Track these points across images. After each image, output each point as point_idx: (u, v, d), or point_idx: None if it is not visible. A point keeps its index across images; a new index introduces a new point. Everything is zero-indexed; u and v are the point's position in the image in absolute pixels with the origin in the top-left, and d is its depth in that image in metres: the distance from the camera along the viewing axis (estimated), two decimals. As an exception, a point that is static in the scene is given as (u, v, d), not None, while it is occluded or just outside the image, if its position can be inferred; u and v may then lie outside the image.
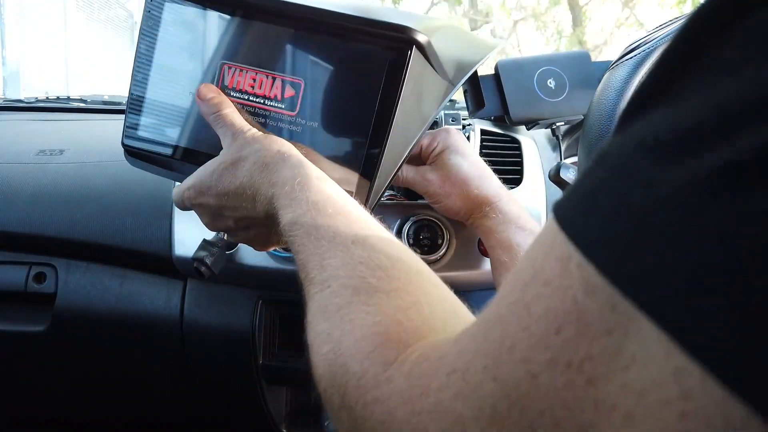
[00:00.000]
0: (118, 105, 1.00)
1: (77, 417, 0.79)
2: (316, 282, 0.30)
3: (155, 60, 0.47)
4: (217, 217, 0.44)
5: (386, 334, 0.25)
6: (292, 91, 0.45)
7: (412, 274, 0.29)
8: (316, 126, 0.45)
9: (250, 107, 0.46)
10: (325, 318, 0.28)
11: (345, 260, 0.30)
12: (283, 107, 0.45)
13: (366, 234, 0.32)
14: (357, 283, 0.28)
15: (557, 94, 0.69)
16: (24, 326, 0.68)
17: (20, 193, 0.68)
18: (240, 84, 0.46)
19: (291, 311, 0.68)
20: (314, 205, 0.34)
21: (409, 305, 0.27)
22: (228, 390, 0.71)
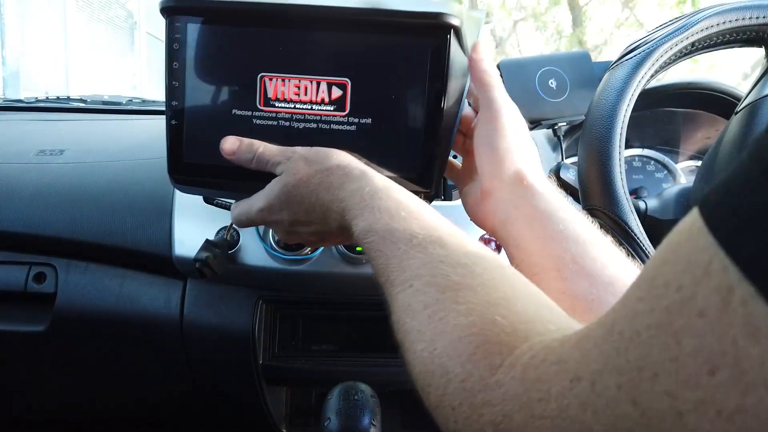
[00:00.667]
0: (118, 105, 1.00)
1: (77, 417, 0.79)
2: (398, 283, 0.31)
3: (188, 86, 0.46)
4: (291, 233, 0.44)
5: (484, 336, 0.25)
6: (339, 92, 0.45)
7: (495, 270, 0.29)
8: (370, 122, 0.46)
9: (300, 115, 0.46)
10: (412, 316, 0.29)
11: (425, 260, 0.30)
12: (333, 109, 0.45)
13: (442, 234, 0.32)
14: (441, 281, 0.29)
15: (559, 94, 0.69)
16: (24, 326, 0.68)
17: (20, 193, 0.68)
18: (284, 94, 0.45)
19: (291, 311, 0.68)
20: (386, 211, 0.34)
21: (498, 300, 0.27)
22: (228, 390, 0.71)
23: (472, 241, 0.32)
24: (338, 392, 0.58)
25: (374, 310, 0.68)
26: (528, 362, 0.22)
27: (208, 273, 0.56)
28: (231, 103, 0.46)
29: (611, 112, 0.50)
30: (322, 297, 0.66)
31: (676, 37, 0.51)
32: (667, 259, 0.17)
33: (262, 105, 0.46)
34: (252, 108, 0.46)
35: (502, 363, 0.23)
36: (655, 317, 0.16)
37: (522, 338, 0.24)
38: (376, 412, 0.56)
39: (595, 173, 0.50)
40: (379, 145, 0.46)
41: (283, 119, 0.46)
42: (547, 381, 0.21)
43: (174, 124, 0.47)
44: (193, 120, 0.47)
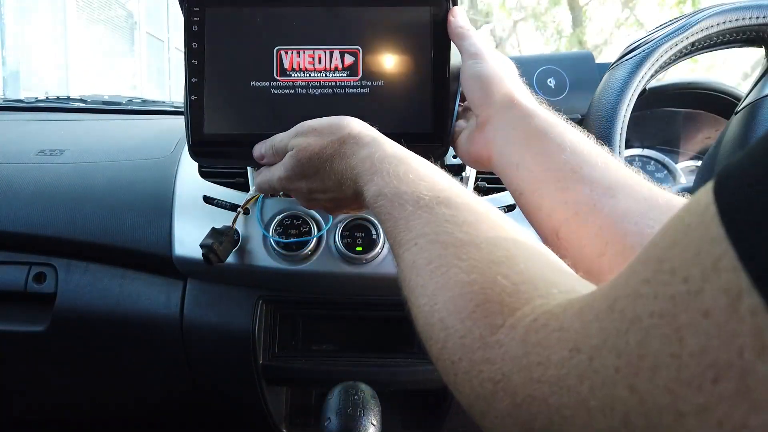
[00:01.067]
0: (118, 105, 1.00)
1: (77, 417, 0.79)
2: (404, 242, 0.32)
3: (207, 63, 0.50)
4: (311, 200, 0.47)
5: (484, 294, 0.25)
6: (352, 59, 0.50)
7: (500, 228, 0.30)
8: (382, 83, 0.50)
9: (315, 83, 0.50)
10: (416, 273, 0.30)
11: (430, 219, 0.31)
12: (347, 74, 0.50)
13: (449, 195, 0.32)
14: (445, 239, 0.29)
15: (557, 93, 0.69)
16: (24, 326, 0.67)
17: (20, 193, 0.68)
18: (299, 64, 0.50)
19: (291, 311, 0.68)
20: (395, 175, 0.35)
21: (502, 259, 0.27)
22: (228, 390, 0.71)
23: (480, 201, 0.33)
24: (338, 392, 0.58)
25: (374, 310, 0.68)
26: (529, 325, 0.23)
27: (214, 259, 0.56)
28: (249, 75, 0.50)
29: (611, 111, 0.51)
30: (322, 297, 0.66)
31: (676, 37, 0.51)
32: (676, 240, 0.16)
33: (279, 75, 0.50)
34: (269, 79, 0.50)
35: (504, 323, 0.24)
36: (658, 305, 0.16)
37: (524, 300, 0.24)
38: (376, 412, 0.56)
39: (595, 173, 0.50)
40: (393, 104, 0.50)
41: (299, 87, 0.50)
42: (547, 347, 0.21)
43: (194, 99, 0.50)
44: (213, 93, 0.50)
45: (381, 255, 0.62)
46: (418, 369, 0.67)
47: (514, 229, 0.31)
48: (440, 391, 0.69)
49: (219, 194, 0.64)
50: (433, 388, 0.69)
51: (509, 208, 0.65)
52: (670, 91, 0.73)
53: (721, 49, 0.54)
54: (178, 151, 0.70)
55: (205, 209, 0.63)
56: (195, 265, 0.63)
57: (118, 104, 1.00)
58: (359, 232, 0.62)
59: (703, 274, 0.15)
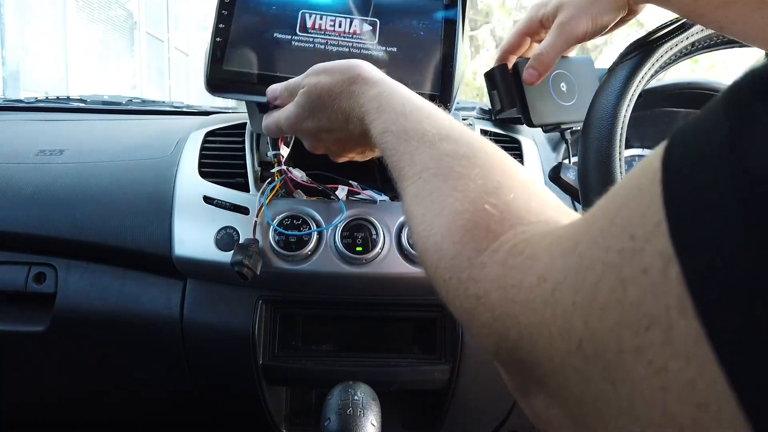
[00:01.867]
0: (118, 105, 1.00)
1: (77, 417, 0.79)
2: (408, 176, 0.34)
3: (236, 14, 0.55)
4: (317, 140, 0.49)
5: (474, 222, 0.28)
6: (369, 27, 0.56)
7: (494, 161, 0.32)
8: (395, 50, 0.56)
9: (334, 42, 0.55)
10: (418, 202, 0.32)
11: (433, 154, 0.34)
12: (365, 38, 0.56)
13: (449, 132, 0.35)
14: (445, 172, 0.32)
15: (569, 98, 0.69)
16: (24, 326, 0.67)
17: (20, 193, 0.68)
18: (321, 26, 0.55)
19: (291, 311, 0.68)
20: (401, 114, 0.38)
21: (492, 190, 0.30)
22: (228, 390, 0.71)
23: (478, 138, 0.35)
24: (338, 392, 0.58)
25: (374, 310, 0.68)
26: (508, 251, 0.25)
27: (248, 274, 0.57)
28: (272, 28, 0.56)
29: (611, 112, 0.50)
30: (322, 297, 0.66)
31: (676, 37, 0.51)
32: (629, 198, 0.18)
33: (300, 31, 0.56)
34: (291, 33, 0.56)
35: (488, 247, 0.27)
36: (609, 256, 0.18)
37: (507, 227, 0.27)
38: (376, 412, 0.56)
39: (596, 173, 0.50)
40: (405, 68, 0.55)
41: (318, 42, 0.55)
42: (521, 272, 0.24)
43: (218, 41, 0.55)
44: (236, 36, 0.55)
45: (381, 255, 0.62)
46: (418, 369, 0.67)
47: (507, 163, 0.33)
48: (440, 391, 0.69)
49: (219, 194, 0.64)
50: (433, 388, 0.69)
51: None
52: (670, 91, 0.73)
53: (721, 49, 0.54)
54: (178, 151, 0.70)
55: (205, 209, 0.63)
56: (195, 265, 0.63)
57: (118, 104, 1.00)
58: (359, 232, 0.62)
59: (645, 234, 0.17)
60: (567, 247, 0.21)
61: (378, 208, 0.64)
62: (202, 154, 0.69)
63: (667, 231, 0.16)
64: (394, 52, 0.56)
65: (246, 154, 0.68)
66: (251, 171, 0.67)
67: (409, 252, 0.62)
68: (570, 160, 0.70)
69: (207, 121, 0.77)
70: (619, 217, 0.18)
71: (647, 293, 0.16)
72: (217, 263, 0.62)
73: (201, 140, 0.71)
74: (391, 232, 0.63)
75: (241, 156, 0.68)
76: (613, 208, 0.19)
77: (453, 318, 0.66)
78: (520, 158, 0.72)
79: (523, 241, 0.25)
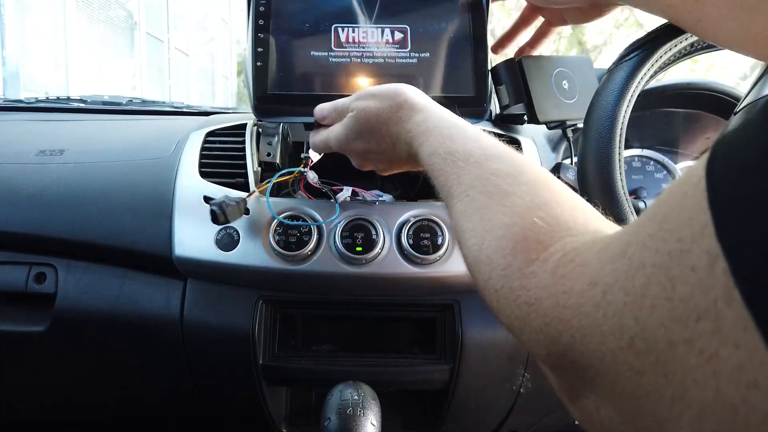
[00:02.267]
0: (118, 105, 1.00)
1: (77, 417, 0.79)
2: (456, 194, 0.36)
3: (272, 36, 0.57)
4: (365, 160, 0.52)
5: (523, 234, 0.30)
6: (401, 35, 0.58)
7: (539, 179, 0.34)
8: (428, 55, 0.58)
9: (369, 54, 0.57)
10: (467, 219, 0.34)
11: (479, 173, 0.36)
12: (398, 47, 0.58)
13: (494, 151, 0.37)
14: (492, 189, 0.34)
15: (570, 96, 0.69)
16: (24, 326, 0.68)
17: (20, 193, 0.68)
18: (354, 39, 0.57)
19: (291, 311, 0.68)
20: (448, 137, 0.40)
21: (540, 205, 0.31)
22: (228, 390, 0.71)
23: (521, 156, 0.37)
24: (338, 392, 0.58)
25: (374, 310, 0.68)
26: (559, 260, 0.27)
27: (221, 218, 0.57)
28: (309, 47, 0.57)
29: (611, 112, 0.51)
30: (322, 297, 0.66)
31: (676, 38, 0.51)
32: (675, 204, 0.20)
33: (335, 47, 0.57)
34: (327, 50, 0.57)
35: (538, 257, 0.28)
36: (658, 258, 0.20)
37: (556, 238, 0.29)
38: (376, 412, 0.56)
39: (595, 173, 0.50)
40: (439, 73, 0.57)
41: (354, 56, 0.57)
42: (571, 279, 0.25)
43: (259, 65, 0.57)
44: (276, 61, 0.57)
45: (381, 255, 0.62)
46: (418, 369, 0.67)
47: (552, 180, 0.35)
48: (440, 391, 0.69)
49: (219, 194, 0.64)
50: (433, 388, 0.69)
51: None
52: (670, 91, 0.73)
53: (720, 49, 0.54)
54: (179, 151, 0.70)
55: (205, 209, 0.63)
56: (195, 266, 0.63)
57: (118, 104, 1.00)
58: (359, 232, 0.62)
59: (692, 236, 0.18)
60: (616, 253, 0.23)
61: (378, 208, 0.64)
62: (202, 155, 0.69)
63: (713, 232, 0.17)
64: (427, 58, 0.58)
65: (246, 155, 0.68)
66: (251, 171, 0.67)
67: (409, 252, 0.62)
68: (571, 160, 0.70)
69: (207, 121, 0.77)
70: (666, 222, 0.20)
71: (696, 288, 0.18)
72: (217, 263, 0.62)
73: (201, 140, 0.71)
74: (391, 232, 0.63)
75: (242, 156, 0.68)
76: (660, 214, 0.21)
77: (453, 318, 0.66)
78: (519, 158, 0.72)
79: (573, 250, 0.27)
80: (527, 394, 0.70)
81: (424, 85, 0.57)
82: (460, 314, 0.66)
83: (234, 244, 0.62)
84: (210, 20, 7.92)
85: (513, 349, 0.67)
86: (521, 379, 0.69)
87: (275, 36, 0.57)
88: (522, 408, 0.72)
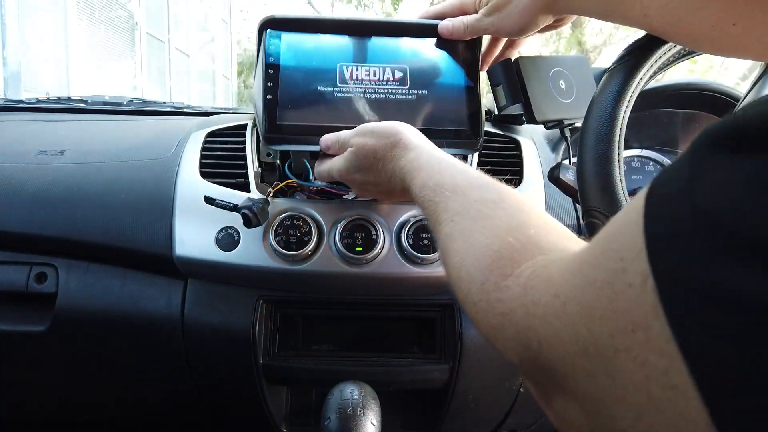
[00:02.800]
0: (119, 105, 1.00)
1: (78, 417, 0.80)
2: (443, 220, 0.40)
3: (281, 73, 0.61)
4: (364, 190, 0.56)
5: (499, 252, 0.33)
6: (401, 74, 0.62)
7: (518, 204, 0.38)
8: (426, 92, 0.62)
9: (371, 90, 0.62)
10: (452, 240, 0.38)
11: (464, 201, 0.39)
12: (397, 85, 0.62)
13: (479, 182, 0.41)
14: (474, 214, 0.38)
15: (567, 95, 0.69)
16: (25, 326, 0.68)
17: (21, 193, 0.68)
18: (357, 76, 0.62)
19: (291, 311, 0.69)
20: (437, 171, 0.44)
21: (516, 226, 0.35)
22: (228, 390, 0.71)
23: (504, 186, 0.40)
24: (338, 392, 0.58)
25: (374, 310, 0.68)
26: (529, 275, 0.30)
27: (253, 219, 0.59)
28: (315, 82, 0.61)
29: (610, 112, 0.51)
30: (322, 297, 0.67)
31: (674, 38, 0.51)
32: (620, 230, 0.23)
33: (340, 83, 0.61)
34: (332, 85, 0.61)
35: (512, 273, 0.31)
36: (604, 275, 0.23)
37: (529, 256, 0.32)
38: (376, 412, 0.57)
39: (594, 174, 0.50)
40: (436, 108, 0.62)
41: (357, 92, 0.61)
42: (539, 291, 0.28)
43: (269, 98, 0.60)
44: (285, 93, 0.61)
45: (381, 255, 0.62)
46: (418, 369, 0.68)
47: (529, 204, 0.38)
48: (440, 391, 0.69)
49: (219, 194, 0.64)
50: (433, 388, 0.69)
51: None
52: (669, 91, 0.73)
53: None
54: (179, 151, 0.70)
55: (206, 209, 0.63)
56: (196, 265, 0.64)
57: (119, 105, 1.00)
58: (359, 232, 0.62)
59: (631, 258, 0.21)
60: (575, 268, 0.26)
61: (378, 208, 0.64)
62: (203, 155, 0.69)
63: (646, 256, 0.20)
64: (425, 95, 0.62)
65: (247, 155, 0.68)
66: (252, 171, 0.67)
67: (409, 252, 0.62)
68: (570, 160, 0.70)
69: (208, 121, 0.77)
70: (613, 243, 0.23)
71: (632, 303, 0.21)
72: (218, 263, 0.62)
73: (202, 141, 0.71)
74: (391, 232, 0.63)
75: (242, 156, 0.68)
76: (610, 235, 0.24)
77: (453, 318, 0.66)
78: (519, 158, 0.72)
79: (542, 267, 0.30)
80: (527, 393, 0.70)
81: (422, 118, 0.62)
82: (460, 314, 0.66)
83: (234, 244, 0.62)
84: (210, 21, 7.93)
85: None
86: (521, 378, 0.70)
87: (284, 72, 0.61)
88: (521, 408, 0.72)
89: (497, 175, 0.59)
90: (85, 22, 4.64)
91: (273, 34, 0.62)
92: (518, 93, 0.67)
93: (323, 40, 0.63)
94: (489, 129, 0.77)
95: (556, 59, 0.71)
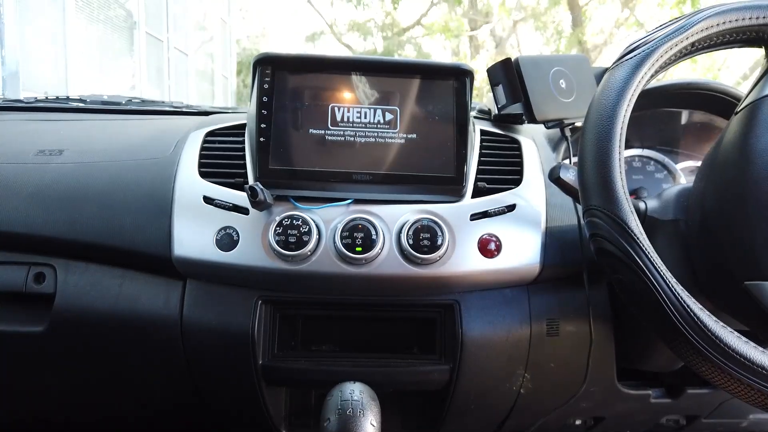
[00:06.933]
0: (118, 105, 1.00)
1: (76, 418, 0.79)
2: None
3: (275, 113, 0.62)
4: None
5: None
6: (391, 116, 0.63)
7: None
8: (415, 136, 0.64)
9: (362, 131, 0.63)
10: None
11: None
12: (388, 127, 0.63)
13: None
14: None
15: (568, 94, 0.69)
16: (23, 327, 0.67)
17: (20, 193, 0.68)
18: (349, 118, 0.63)
19: (291, 311, 0.68)
20: None
21: None
22: (227, 390, 0.71)
23: None
24: (338, 392, 0.58)
25: (374, 310, 0.68)
26: None
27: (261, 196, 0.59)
28: (307, 124, 0.62)
29: (611, 112, 0.50)
30: (322, 297, 0.66)
31: (676, 38, 0.51)
32: None
33: (331, 125, 0.62)
34: (324, 128, 0.62)
35: None
36: None
37: None
38: (375, 412, 0.56)
39: (595, 173, 0.50)
40: (424, 153, 0.63)
41: (348, 135, 0.62)
42: None
43: (262, 141, 0.61)
44: (278, 136, 0.62)
45: (381, 255, 0.62)
46: (417, 370, 0.67)
47: None
48: (440, 391, 0.69)
49: (219, 194, 0.64)
50: (433, 388, 0.69)
51: (509, 208, 0.65)
52: (670, 91, 0.73)
53: (721, 49, 0.54)
54: (178, 151, 0.70)
55: (205, 209, 0.63)
56: (195, 266, 0.63)
57: (118, 104, 1.00)
58: (359, 232, 0.62)
59: None
60: None
61: (378, 208, 0.64)
62: (201, 155, 0.69)
63: None
64: (414, 139, 0.63)
65: (246, 155, 0.68)
66: (251, 171, 0.67)
67: (409, 252, 0.62)
68: (570, 159, 0.70)
69: (207, 121, 0.77)
70: None
71: None
72: (217, 263, 0.62)
73: (201, 140, 0.71)
74: (391, 232, 0.63)
75: (241, 156, 0.68)
76: None
77: (453, 318, 0.66)
78: (519, 158, 0.72)
79: None
80: (527, 394, 0.70)
81: (409, 164, 0.62)
82: (460, 314, 0.66)
83: (233, 244, 0.61)
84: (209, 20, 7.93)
85: (513, 350, 0.67)
86: (521, 379, 0.69)
87: (277, 113, 0.62)
88: (522, 408, 0.72)
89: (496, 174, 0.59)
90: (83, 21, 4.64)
91: (266, 73, 0.63)
92: (518, 92, 0.67)
93: (316, 79, 0.63)
94: (489, 128, 0.76)
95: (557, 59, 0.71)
